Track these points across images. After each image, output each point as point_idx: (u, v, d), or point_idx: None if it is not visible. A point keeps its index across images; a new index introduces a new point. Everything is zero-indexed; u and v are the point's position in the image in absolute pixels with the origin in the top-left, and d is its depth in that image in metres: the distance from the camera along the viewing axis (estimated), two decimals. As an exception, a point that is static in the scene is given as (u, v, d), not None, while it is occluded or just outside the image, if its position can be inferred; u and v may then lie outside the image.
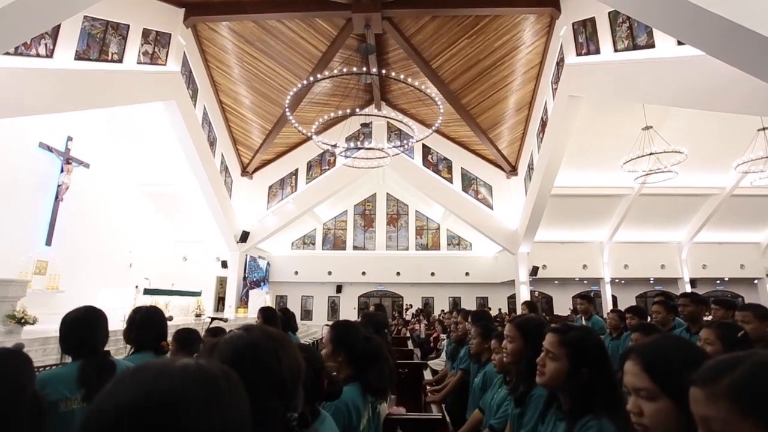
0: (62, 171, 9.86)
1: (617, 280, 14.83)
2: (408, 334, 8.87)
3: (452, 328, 3.81)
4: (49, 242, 9.69)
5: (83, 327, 1.61)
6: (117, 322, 1.84)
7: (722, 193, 12.42)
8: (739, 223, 13.56)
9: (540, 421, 1.50)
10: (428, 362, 4.85)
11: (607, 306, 13.53)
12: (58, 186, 9.82)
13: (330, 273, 15.22)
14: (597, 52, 7.25)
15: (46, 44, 5.90)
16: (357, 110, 9.18)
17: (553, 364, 1.29)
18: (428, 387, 3.54)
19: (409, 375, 4.24)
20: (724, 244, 14.29)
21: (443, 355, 4.70)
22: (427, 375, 4.11)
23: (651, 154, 8.92)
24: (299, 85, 8.07)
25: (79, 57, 6.57)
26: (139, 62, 7.91)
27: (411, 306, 14.39)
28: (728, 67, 3.86)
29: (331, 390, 1.24)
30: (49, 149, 9.58)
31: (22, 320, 6.31)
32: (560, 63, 8.65)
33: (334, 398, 1.26)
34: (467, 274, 15.10)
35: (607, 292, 14.15)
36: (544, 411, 1.49)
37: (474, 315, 2.72)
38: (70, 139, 10.10)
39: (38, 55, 5.84)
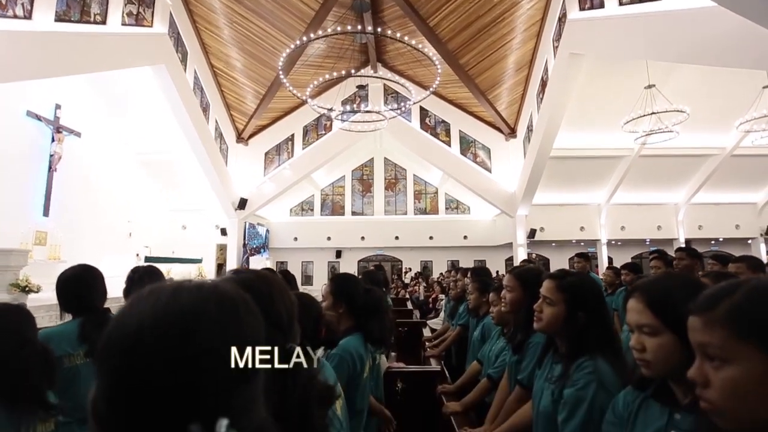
0: (53, 140, 9.67)
1: (613, 242, 15.00)
2: (407, 296, 9.04)
3: (451, 286, 3.86)
4: (46, 213, 9.65)
5: (79, 283, 1.62)
6: (118, 290, 1.86)
7: (722, 153, 12.34)
8: (737, 183, 13.56)
9: (537, 366, 1.54)
10: (427, 321, 4.96)
11: (603, 267, 13.75)
12: (51, 156, 9.67)
13: (329, 238, 15.33)
14: (601, 5, 6.97)
15: (23, 3, 5.62)
16: (353, 71, 8.91)
17: (551, 309, 1.31)
18: (427, 343, 3.63)
19: (409, 333, 4.34)
20: (721, 204, 14.35)
21: (442, 314, 4.80)
22: (426, 333, 4.20)
23: (652, 113, 8.78)
24: (292, 46, 7.78)
25: (59, 18, 6.28)
26: (123, 24, 7.58)
27: (410, 269, 14.60)
28: (738, 20, 3.71)
29: (329, 338, 1.26)
30: (38, 118, 9.35)
31: (26, 288, 6.38)
32: (562, 18, 8.34)
33: (332, 346, 1.28)
34: (465, 237, 15.22)
35: (604, 254, 14.34)
36: (541, 356, 1.52)
37: (473, 270, 2.75)
38: (58, 107, 9.84)
39: (15, 16, 5.57)
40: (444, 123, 12.82)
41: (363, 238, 15.25)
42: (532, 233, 13.05)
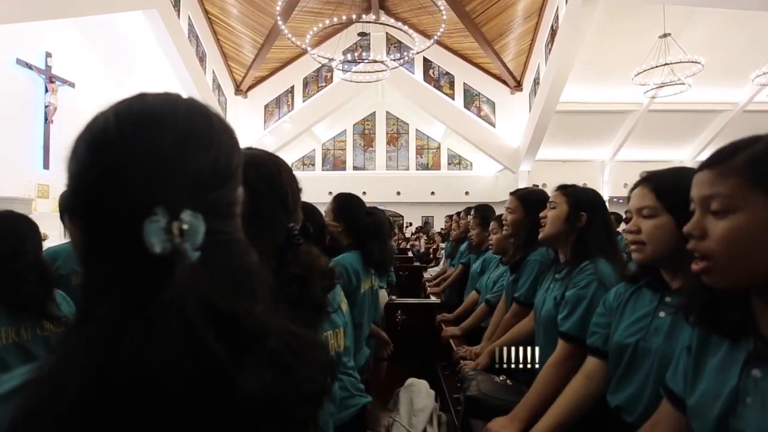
0: (47, 91, 9.44)
1: (615, 199, 14.94)
2: (408, 247, 9.17)
3: (453, 227, 3.90)
4: (46, 166, 9.59)
5: None
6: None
7: (734, 109, 12.00)
8: (746, 139, 13.31)
9: (535, 284, 1.57)
10: (427, 267, 5.05)
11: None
12: (46, 107, 9.46)
13: (330, 193, 14.78)
14: (618, -58, 6.54)
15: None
16: (354, 17, 8.52)
17: (554, 212, 1.32)
18: (428, 284, 3.71)
19: (409, 277, 4.43)
20: None
21: (442, 262, 4.87)
22: (427, 276, 4.28)
23: (665, 64, 8.48)
24: (290, -13, 7.40)
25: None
26: (112, -38, 7.18)
27: (411, 224, 14.70)
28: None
29: (333, 245, 1.28)
30: (29, 66, 9.07)
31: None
32: (576, -42, 7.86)
33: (335, 254, 1.30)
34: (467, 193, 15.18)
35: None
36: (538, 277, 1.55)
37: (476, 207, 2.75)
38: (49, 55, 9.51)
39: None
40: (448, 75, 12.43)
41: (364, 193, 15.19)
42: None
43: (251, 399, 0.34)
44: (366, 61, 10.01)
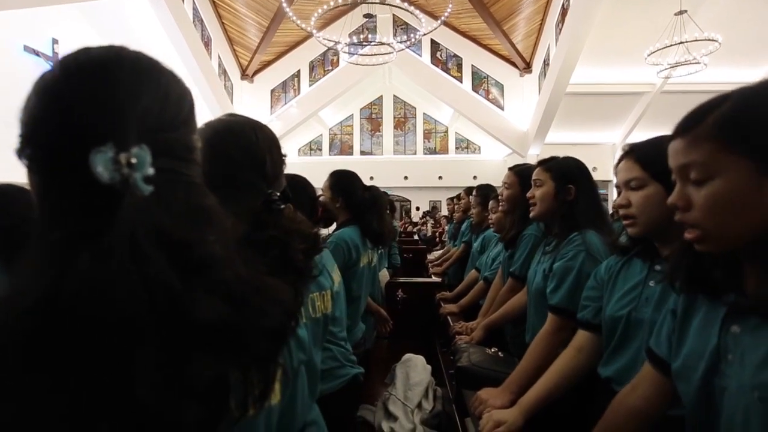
0: (54, 76, 9.51)
1: (626, 183, 14.75)
2: (414, 231, 9.20)
3: (455, 209, 3.88)
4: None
5: None
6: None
7: (750, 88, 11.64)
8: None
9: (530, 258, 1.56)
10: (433, 250, 5.05)
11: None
12: (54, 92, 9.55)
13: None
14: None
15: None
16: (359, -1, 8.39)
17: (540, 190, 1.31)
18: (431, 264, 3.72)
19: (413, 258, 4.44)
20: None
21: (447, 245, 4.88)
22: (431, 258, 4.29)
23: (681, 43, 8.22)
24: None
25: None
26: (115, -56, 7.12)
27: (418, 209, 14.69)
28: None
29: (325, 216, 1.28)
30: (36, 53, 9.13)
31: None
32: (588, -68, 7.59)
33: (327, 225, 1.30)
34: (475, 177, 15.03)
35: (614, 196, 14.17)
36: (533, 251, 1.54)
37: (477, 187, 2.74)
38: (56, 42, 9.55)
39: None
40: (456, 57, 12.22)
41: (372, 178, 15.16)
42: (543, 173, 12.83)
43: (207, 328, 0.34)
44: (372, 43, 9.88)
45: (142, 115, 0.37)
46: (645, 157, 0.90)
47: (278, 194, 0.77)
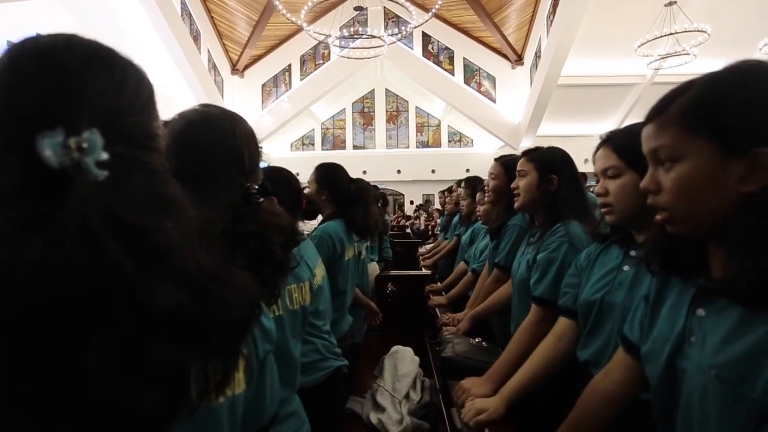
0: (41, 72, 9.35)
1: (618, 175, 14.84)
2: (407, 225, 9.21)
3: (447, 202, 3.89)
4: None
5: None
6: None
7: (740, 79, 11.72)
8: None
9: (515, 249, 1.57)
10: (425, 244, 5.06)
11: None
12: (39, 89, 9.39)
13: None
14: None
15: None
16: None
17: (524, 180, 1.31)
18: (422, 258, 3.73)
19: (405, 252, 4.45)
20: None
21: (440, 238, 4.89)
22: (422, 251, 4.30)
23: (670, 34, 8.25)
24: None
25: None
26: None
27: (412, 203, 14.70)
28: None
29: (309, 209, 1.27)
30: (21, 47, 8.97)
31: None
32: None
33: (312, 217, 1.29)
34: (468, 170, 15.04)
35: (607, 186, 14.24)
36: (517, 242, 1.55)
37: (466, 179, 2.74)
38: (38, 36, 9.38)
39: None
40: (447, 50, 12.19)
41: (365, 172, 15.10)
42: (536, 166, 12.87)
43: (165, 315, 0.34)
44: (363, 36, 9.81)
45: (95, 100, 0.37)
46: (621, 145, 0.91)
47: (256, 188, 0.77)
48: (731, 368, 0.52)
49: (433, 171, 15.13)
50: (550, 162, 1.32)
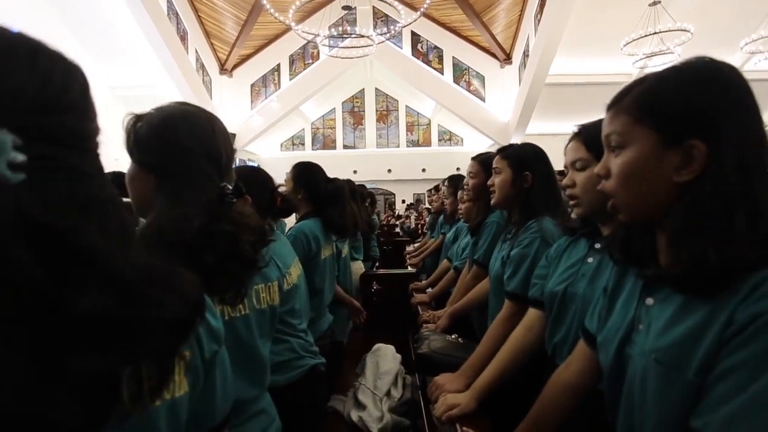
0: (22, 72, 9.18)
1: (606, 172, 14.99)
2: (397, 224, 9.23)
3: (434, 200, 3.90)
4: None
5: None
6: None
7: (724, 77, 11.91)
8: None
9: (493, 246, 1.58)
10: (414, 242, 5.07)
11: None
12: (22, 89, 9.22)
13: None
14: None
15: None
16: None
17: (499, 177, 1.32)
18: (408, 256, 3.74)
19: (394, 251, 4.45)
20: None
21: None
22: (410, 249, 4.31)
23: (655, 33, 8.37)
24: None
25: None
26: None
27: (404, 202, 14.73)
28: None
29: (284, 207, 1.27)
30: (3, 47, 8.80)
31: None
32: None
33: (286, 215, 1.29)
34: (458, 169, 15.10)
35: (596, 184, 14.39)
36: (496, 238, 1.56)
37: (449, 177, 2.75)
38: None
39: None
40: (437, 49, 12.22)
41: (355, 171, 15.12)
42: (525, 164, 12.96)
43: (86, 321, 0.33)
44: (352, 36, 9.79)
45: (9, 97, 0.35)
46: (590, 138, 0.92)
47: (230, 188, 0.78)
48: (667, 352, 0.54)
49: (423, 170, 15.17)
50: (524, 159, 1.33)
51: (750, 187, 0.52)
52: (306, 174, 1.69)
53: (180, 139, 0.71)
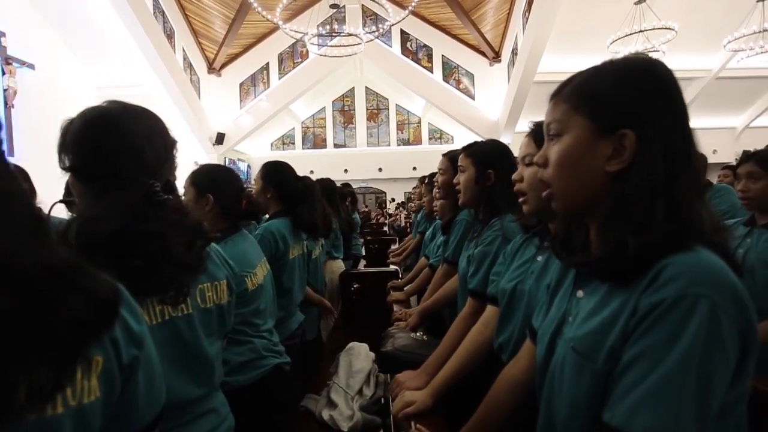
0: (3, 73, 9.03)
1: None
2: (386, 223, 9.24)
3: (415, 198, 3.91)
4: (12, 153, 9.29)
5: None
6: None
7: (708, 76, 12.06)
8: (719, 107, 13.41)
9: (462, 244, 1.59)
10: (401, 240, 5.08)
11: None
12: (5, 91, 9.08)
13: (312, 172, 15.03)
14: None
15: None
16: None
17: (464, 175, 1.33)
18: (391, 254, 3.74)
19: (379, 249, 4.46)
20: (700, 129, 14.10)
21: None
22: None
23: (640, 31, 8.46)
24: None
25: None
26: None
27: (393, 200, 14.73)
28: None
29: (249, 209, 1.27)
30: (-16, 48, 8.66)
31: None
32: None
33: (252, 218, 1.29)
34: (449, 169, 15.21)
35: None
36: (465, 236, 1.57)
37: (428, 176, 2.76)
38: (2, 35, 9.06)
39: None
40: (426, 48, 12.22)
41: (346, 171, 15.13)
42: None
43: None
44: (341, 34, 9.76)
45: None
46: (539, 134, 0.93)
47: (159, 185, 0.76)
48: (583, 341, 0.55)
49: (414, 168, 15.16)
50: (486, 156, 1.33)
51: (674, 178, 0.53)
52: (275, 173, 1.69)
53: (95, 140, 0.70)
